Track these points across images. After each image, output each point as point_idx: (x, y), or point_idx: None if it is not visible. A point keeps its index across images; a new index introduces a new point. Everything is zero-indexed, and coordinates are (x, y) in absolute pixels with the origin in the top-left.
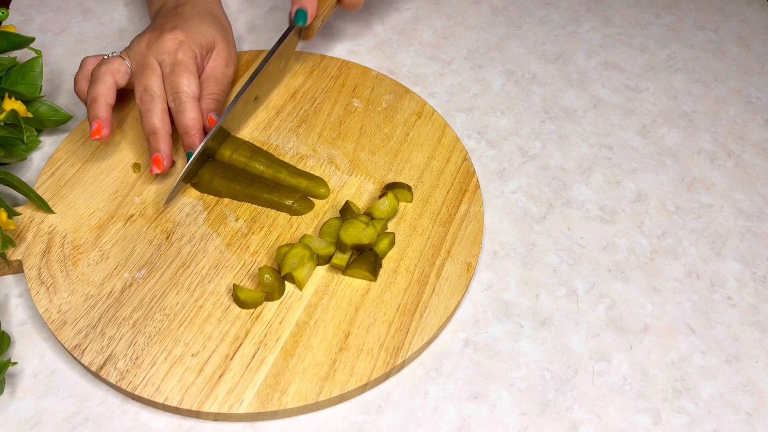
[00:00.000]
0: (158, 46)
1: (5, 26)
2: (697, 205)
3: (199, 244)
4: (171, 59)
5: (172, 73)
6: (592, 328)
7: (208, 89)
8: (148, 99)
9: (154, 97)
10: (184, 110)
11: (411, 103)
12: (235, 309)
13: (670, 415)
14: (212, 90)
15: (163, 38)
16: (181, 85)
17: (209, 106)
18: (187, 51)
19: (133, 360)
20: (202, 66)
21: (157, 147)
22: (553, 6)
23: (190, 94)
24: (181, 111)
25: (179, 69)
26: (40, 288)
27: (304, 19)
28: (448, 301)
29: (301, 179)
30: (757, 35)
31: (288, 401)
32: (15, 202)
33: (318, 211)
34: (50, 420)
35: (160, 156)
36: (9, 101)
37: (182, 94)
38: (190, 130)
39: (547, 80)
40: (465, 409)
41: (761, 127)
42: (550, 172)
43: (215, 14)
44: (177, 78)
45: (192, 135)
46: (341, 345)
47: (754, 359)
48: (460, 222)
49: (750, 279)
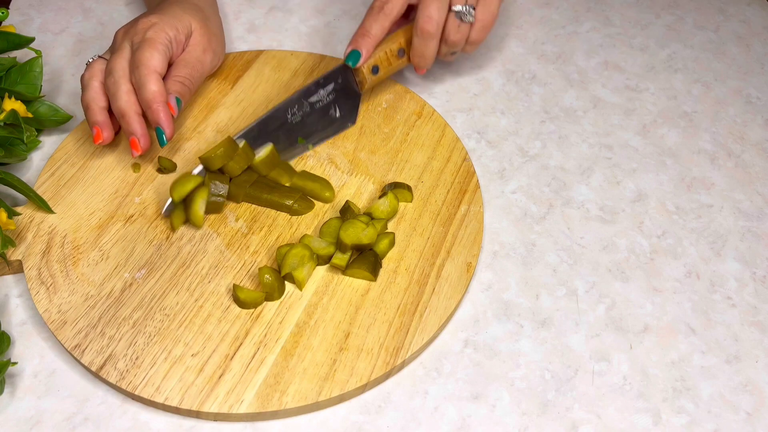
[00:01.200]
0: (132, 30)
1: (5, 26)
2: (697, 205)
3: (199, 244)
4: (140, 37)
5: (137, 49)
6: (592, 328)
7: (177, 71)
8: (112, 82)
9: (117, 79)
10: (143, 84)
11: (411, 103)
12: (235, 309)
13: (670, 415)
14: (179, 72)
15: (137, 22)
16: (141, 59)
17: (172, 87)
18: (159, 31)
19: (133, 360)
20: (180, 51)
21: (129, 130)
22: (553, 6)
23: (151, 68)
24: (140, 85)
25: (144, 45)
26: (40, 288)
27: (355, 60)
28: (448, 301)
29: (307, 181)
30: (757, 35)
31: (288, 401)
32: (15, 202)
33: (318, 211)
34: (50, 420)
35: (134, 138)
36: (9, 101)
37: (142, 68)
38: (150, 104)
39: (547, 80)
40: (465, 409)
41: (761, 127)
42: (550, 172)
43: (199, 6)
44: (139, 53)
45: (153, 109)
46: (341, 345)
47: (754, 359)
48: (460, 222)
49: (750, 279)
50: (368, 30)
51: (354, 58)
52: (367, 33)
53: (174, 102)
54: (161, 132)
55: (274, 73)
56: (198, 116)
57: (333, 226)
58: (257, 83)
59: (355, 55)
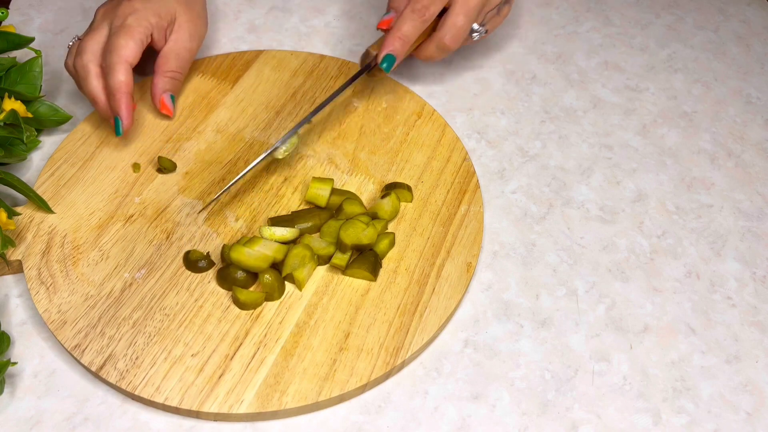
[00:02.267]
0: (113, 12)
1: (5, 26)
2: (697, 205)
3: (199, 244)
4: (119, 22)
5: (113, 34)
6: (592, 328)
7: (168, 65)
8: (81, 64)
9: (86, 63)
10: (110, 72)
11: (411, 103)
12: (234, 309)
13: (670, 415)
14: (171, 67)
15: (120, 5)
16: (115, 46)
17: (165, 86)
18: (140, 19)
19: (133, 360)
20: (164, 38)
21: (104, 115)
22: (553, 6)
23: (122, 57)
24: (108, 73)
25: (121, 32)
26: (40, 288)
27: (390, 64)
28: (448, 301)
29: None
30: (757, 35)
31: (288, 401)
32: (15, 202)
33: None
34: (50, 420)
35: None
36: (9, 101)
37: (113, 55)
38: (114, 93)
39: (547, 80)
40: (465, 409)
41: (761, 127)
42: (550, 172)
43: None
44: (115, 40)
45: (116, 98)
46: (341, 345)
47: (754, 359)
48: (460, 222)
49: (750, 279)
50: (406, 35)
51: (390, 62)
52: (404, 37)
53: (168, 100)
54: (119, 122)
55: (274, 73)
56: (198, 116)
57: (333, 226)
58: (257, 83)
59: (390, 60)
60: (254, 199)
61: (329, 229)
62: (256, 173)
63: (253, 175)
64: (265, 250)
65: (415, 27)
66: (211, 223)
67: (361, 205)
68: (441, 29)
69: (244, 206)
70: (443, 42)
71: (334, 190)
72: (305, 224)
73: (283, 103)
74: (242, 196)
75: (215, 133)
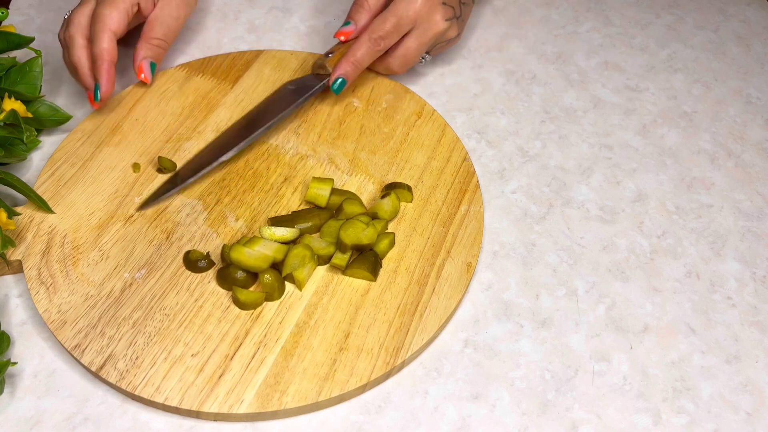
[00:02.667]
0: None
1: (5, 26)
2: (697, 205)
3: (199, 244)
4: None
5: (98, 5)
6: (592, 328)
7: (152, 32)
8: (68, 35)
9: (72, 33)
10: (95, 39)
11: (411, 103)
12: (234, 309)
13: (670, 415)
14: (154, 34)
15: None
16: (100, 15)
17: (147, 52)
18: None
19: (133, 360)
20: (152, 4)
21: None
22: (553, 6)
23: (107, 25)
24: (93, 40)
25: (106, 2)
26: (40, 288)
27: (341, 86)
28: (448, 301)
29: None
30: (757, 35)
31: (288, 401)
32: (15, 202)
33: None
34: (50, 420)
35: (90, 94)
36: (9, 101)
37: (99, 24)
38: (97, 59)
39: (547, 80)
40: (465, 409)
41: (761, 127)
42: (550, 172)
43: None
44: (100, 9)
45: (98, 65)
46: (341, 345)
47: (754, 359)
48: (460, 222)
49: (750, 279)
50: (359, 61)
51: (341, 85)
52: (357, 63)
53: (147, 67)
54: (98, 88)
55: (274, 73)
56: (198, 116)
57: (333, 226)
58: (257, 83)
59: (342, 83)
60: (254, 199)
61: (329, 229)
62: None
63: (252, 175)
64: (265, 250)
65: (369, 55)
66: (211, 223)
67: (361, 205)
68: (391, 55)
69: (244, 206)
70: (390, 67)
71: (334, 190)
72: (305, 224)
73: None
74: (242, 196)
75: (215, 133)
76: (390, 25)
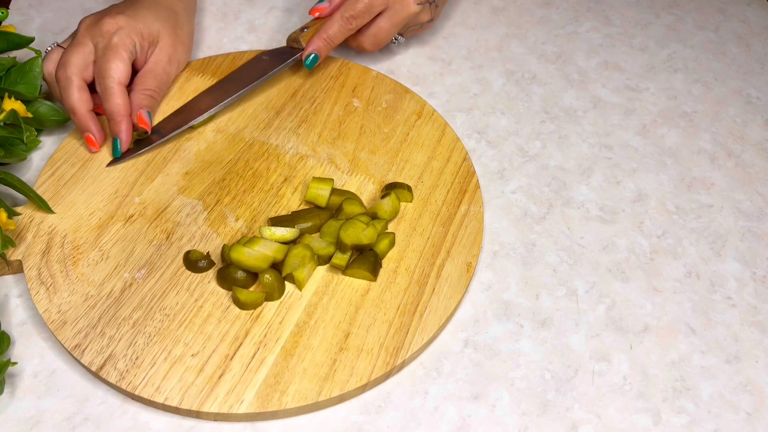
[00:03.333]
0: (97, 28)
1: (5, 26)
2: (697, 205)
3: (199, 244)
4: (105, 42)
5: (102, 56)
6: (592, 328)
7: (145, 84)
8: (64, 76)
9: (70, 75)
10: (108, 96)
11: (411, 103)
12: (234, 309)
13: (670, 415)
14: (148, 85)
15: (103, 21)
16: (108, 69)
17: (142, 102)
18: (124, 37)
19: (133, 360)
20: (144, 59)
21: (83, 127)
22: (553, 6)
23: (116, 80)
24: (106, 97)
25: (109, 53)
26: (40, 288)
27: (314, 62)
28: (448, 301)
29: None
30: (757, 35)
31: (288, 401)
32: (15, 202)
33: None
34: (50, 420)
35: (89, 136)
36: (9, 101)
37: (108, 79)
38: (114, 116)
39: (547, 80)
40: (465, 409)
41: (761, 127)
42: (550, 172)
43: (173, 9)
44: (105, 62)
45: (117, 121)
46: (341, 345)
47: (754, 359)
48: (460, 222)
49: (750, 279)
50: (331, 38)
51: (313, 60)
52: (329, 40)
53: (146, 115)
54: (118, 143)
55: None
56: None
57: (333, 226)
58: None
59: (314, 59)
60: (254, 199)
61: (329, 229)
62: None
63: (252, 175)
64: (265, 250)
65: (341, 33)
66: (211, 223)
67: (361, 205)
68: (364, 34)
69: (244, 206)
70: (362, 45)
71: (334, 190)
72: (305, 224)
73: (283, 102)
74: (242, 196)
75: (215, 133)
76: (362, 5)
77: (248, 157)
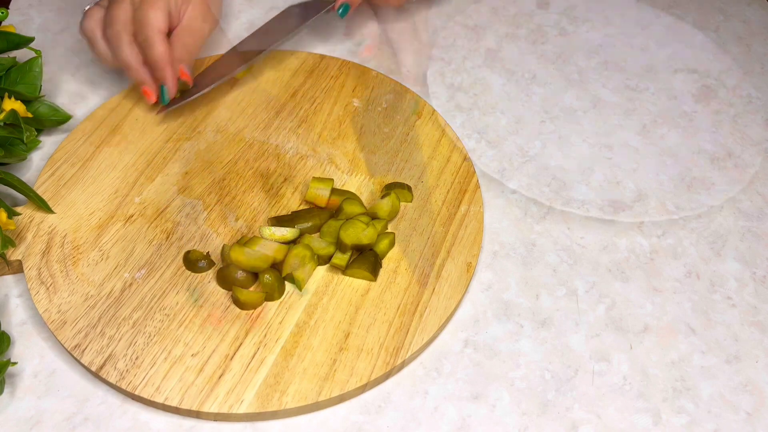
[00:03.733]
0: None
1: (5, 26)
2: (697, 205)
3: (199, 244)
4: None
5: (140, 8)
6: (592, 328)
7: (182, 39)
8: (113, 33)
9: (119, 31)
10: (150, 44)
11: (411, 103)
12: (235, 309)
13: (670, 415)
14: (186, 41)
15: None
16: (147, 19)
17: (182, 56)
18: None
19: (133, 360)
20: (178, 16)
21: (139, 80)
22: (553, 6)
23: (156, 28)
24: (148, 46)
25: (146, 5)
26: (40, 288)
27: (345, 11)
28: (448, 301)
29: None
30: (757, 35)
31: (288, 401)
32: (15, 202)
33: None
34: (50, 420)
35: (146, 88)
36: (9, 101)
37: (147, 28)
38: (159, 64)
39: (547, 80)
40: (465, 409)
41: (761, 127)
42: (550, 172)
43: None
44: (144, 13)
45: (161, 68)
46: (341, 345)
47: (754, 359)
48: (460, 222)
49: (750, 279)
50: None
51: (345, 9)
52: None
53: (187, 69)
54: (165, 91)
55: (274, 73)
56: (198, 116)
57: (333, 226)
58: (257, 83)
59: (346, 7)
60: (254, 199)
61: (329, 229)
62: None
63: (252, 175)
64: (265, 250)
65: None
66: (211, 223)
67: (361, 205)
68: None
69: (244, 206)
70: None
71: (334, 190)
72: (305, 224)
73: (283, 102)
74: (242, 196)
75: (215, 133)
76: None
77: (248, 157)
